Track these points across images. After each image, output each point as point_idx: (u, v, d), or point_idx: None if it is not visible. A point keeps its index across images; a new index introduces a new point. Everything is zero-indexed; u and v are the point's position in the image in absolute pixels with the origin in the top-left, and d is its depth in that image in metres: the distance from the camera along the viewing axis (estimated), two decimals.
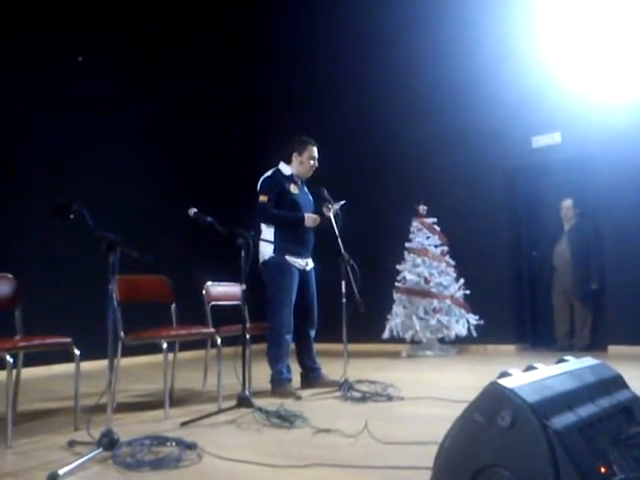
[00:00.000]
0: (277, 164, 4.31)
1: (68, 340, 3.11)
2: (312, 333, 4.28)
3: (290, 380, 4.04)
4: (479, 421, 1.41)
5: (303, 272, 4.18)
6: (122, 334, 3.47)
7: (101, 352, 2.73)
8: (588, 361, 1.79)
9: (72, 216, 2.60)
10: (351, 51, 8.14)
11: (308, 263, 4.24)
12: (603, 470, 1.29)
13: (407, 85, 7.60)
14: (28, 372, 5.49)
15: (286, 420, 2.95)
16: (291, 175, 4.25)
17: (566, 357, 1.82)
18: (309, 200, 4.37)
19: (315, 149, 4.27)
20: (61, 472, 2.13)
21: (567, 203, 6.63)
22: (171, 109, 7.54)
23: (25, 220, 5.77)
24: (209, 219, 3.50)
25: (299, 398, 3.76)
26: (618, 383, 1.71)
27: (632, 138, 6.05)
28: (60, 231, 5.24)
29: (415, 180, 7.35)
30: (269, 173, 4.24)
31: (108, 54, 6.88)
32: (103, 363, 2.57)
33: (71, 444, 2.62)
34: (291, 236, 4.10)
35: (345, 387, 3.82)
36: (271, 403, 3.37)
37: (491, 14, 7.02)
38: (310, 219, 4.11)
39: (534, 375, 1.54)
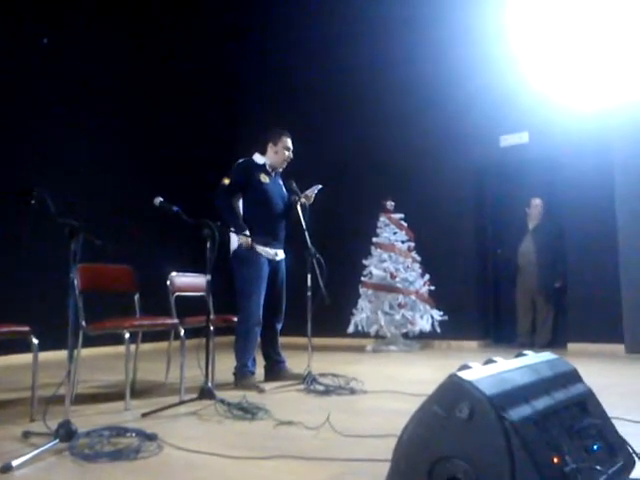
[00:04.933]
0: (248, 155, 4.28)
1: (26, 329, 3.03)
2: (279, 326, 4.26)
3: (253, 373, 4.02)
4: (438, 413, 1.42)
5: (273, 262, 4.15)
6: (83, 324, 3.40)
7: (61, 342, 2.68)
8: (546, 356, 1.82)
9: (33, 201, 2.54)
10: (324, 48, 8.14)
11: (278, 254, 4.21)
12: (556, 460, 1.32)
13: (378, 83, 7.63)
14: None
15: (248, 412, 2.94)
16: (263, 164, 4.22)
17: (525, 352, 1.85)
18: (281, 192, 4.32)
19: (289, 140, 4.25)
20: (14, 463, 2.08)
21: (536, 201, 6.76)
22: (141, 97, 7.42)
23: None
24: (175, 209, 3.45)
25: (262, 391, 3.75)
26: (573, 377, 1.75)
27: (597, 141, 6.18)
28: (20, 217, 5.13)
29: (383, 176, 7.40)
30: (241, 160, 4.22)
31: (81, 42, 6.73)
32: (63, 353, 2.51)
33: (26, 435, 2.56)
34: (260, 227, 4.06)
35: (308, 380, 3.82)
36: (234, 395, 3.35)
37: (463, 16, 7.09)
38: (244, 241, 3.97)
39: (493, 368, 1.57)
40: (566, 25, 6.49)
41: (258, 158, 4.24)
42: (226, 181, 4.05)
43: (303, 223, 4.07)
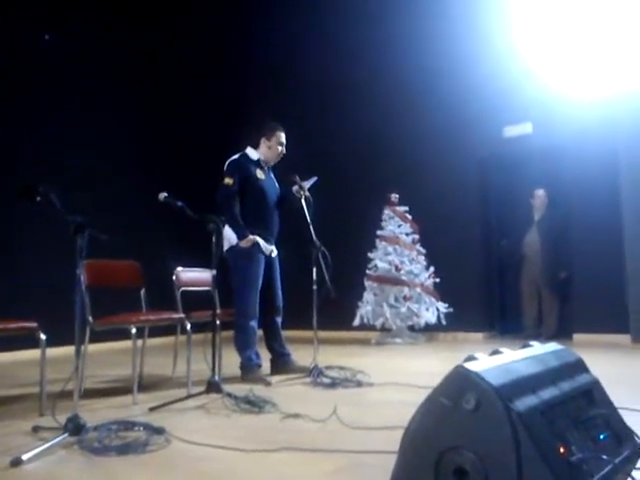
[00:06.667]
0: (241, 149, 4.26)
1: (34, 325, 3.04)
2: (279, 320, 4.25)
3: (260, 366, 4.03)
4: (445, 404, 1.43)
5: (268, 258, 4.15)
6: (90, 319, 3.42)
7: (69, 338, 2.69)
8: (552, 346, 1.82)
9: (39, 198, 2.55)
10: (328, 40, 8.12)
11: (273, 250, 4.21)
12: (562, 450, 1.32)
13: (382, 75, 7.61)
14: None
15: (255, 405, 2.95)
16: (258, 160, 4.21)
17: (531, 342, 1.85)
18: (274, 187, 4.32)
19: (283, 135, 4.23)
20: (25, 457, 2.10)
21: (540, 192, 6.74)
22: (143, 94, 7.42)
23: None
24: (179, 204, 3.46)
25: (269, 384, 3.76)
26: (579, 367, 1.75)
27: (600, 131, 6.16)
28: (27, 214, 5.14)
29: (388, 168, 7.38)
30: (236, 156, 4.18)
31: (84, 40, 6.73)
32: (71, 349, 2.53)
33: (36, 429, 2.58)
34: (258, 221, 4.07)
35: (315, 373, 3.84)
36: (240, 389, 3.37)
37: (467, 7, 7.05)
38: (245, 242, 3.96)
39: (499, 359, 1.57)
40: (568, 14, 6.45)
41: (252, 153, 4.22)
42: (229, 181, 4.01)
43: (307, 217, 4.06)
